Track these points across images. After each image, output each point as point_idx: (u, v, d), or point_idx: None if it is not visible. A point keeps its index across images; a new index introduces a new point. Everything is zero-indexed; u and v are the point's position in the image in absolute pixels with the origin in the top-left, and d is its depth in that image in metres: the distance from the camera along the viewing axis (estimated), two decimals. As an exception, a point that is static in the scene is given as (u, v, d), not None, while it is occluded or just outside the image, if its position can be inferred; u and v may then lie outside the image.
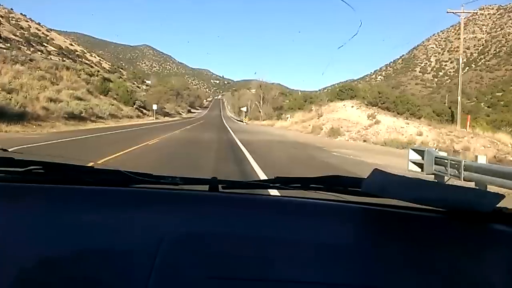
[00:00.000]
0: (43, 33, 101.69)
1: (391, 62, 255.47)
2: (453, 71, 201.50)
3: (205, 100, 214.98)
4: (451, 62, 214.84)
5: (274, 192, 1.78)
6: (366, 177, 1.02)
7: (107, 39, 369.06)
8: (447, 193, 0.97)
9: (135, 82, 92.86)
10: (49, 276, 0.69)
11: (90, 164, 1.41)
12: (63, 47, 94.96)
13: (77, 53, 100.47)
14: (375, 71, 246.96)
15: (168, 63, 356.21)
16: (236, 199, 1.15)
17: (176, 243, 0.81)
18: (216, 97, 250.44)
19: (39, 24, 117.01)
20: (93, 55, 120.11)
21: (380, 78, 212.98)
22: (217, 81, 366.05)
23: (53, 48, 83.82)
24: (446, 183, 1.16)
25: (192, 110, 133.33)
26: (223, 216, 1.00)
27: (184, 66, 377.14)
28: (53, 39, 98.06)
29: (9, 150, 1.44)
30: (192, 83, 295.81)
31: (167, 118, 70.34)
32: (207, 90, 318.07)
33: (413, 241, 0.90)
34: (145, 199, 1.09)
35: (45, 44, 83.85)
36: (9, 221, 0.90)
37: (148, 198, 1.09)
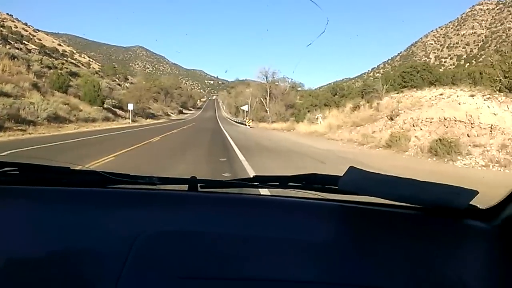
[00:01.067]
0: (30, 33, 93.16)
1: (388, 59, 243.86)
2: (453, 67, 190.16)
3: (198, 101, 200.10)
4: (450, 59, 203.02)
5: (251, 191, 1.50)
6: (342, 175, 1.00)
7: (100, 41, 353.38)
8: (423, 190, 0.95)
9: (117, 79, 76.91)
10: (24, 276, 0.68)
11: (78, 168, 1.30)
12: (50, 47, 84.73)
13: (65, 53, 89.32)
14: (372, 68, 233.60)
15: (162, 64, 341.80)
16: (214, 198, 1.12)
17: (149, 243, 0.78)
18: (210, 98, 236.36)
19: (25, 24, 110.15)
20: (82, 56, 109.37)
21: (378, 75, 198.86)
22: (212, 82, 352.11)
23: (34, 47, 72.01)
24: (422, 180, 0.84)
25: (184, 111, 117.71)
26: (200, 215, 0.97)
27: (178, 67, 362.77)
28: (40, 40, 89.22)
29: None
30: (186, 83, 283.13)
31: (149, 121, 54.77)
32: (201, 90, 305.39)
33: (389, 237, 0.89)
34: (121, 199, 1.06)
35: (26, 42, 72.49)
36: None
37: (124, 199, 1.06)
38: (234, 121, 63.22)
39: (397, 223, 0.98)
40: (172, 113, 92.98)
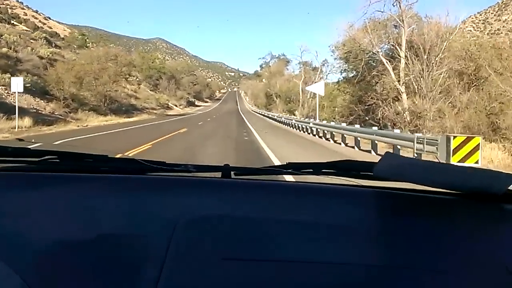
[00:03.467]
0: (40, 20, 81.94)
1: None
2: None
3: (217, 92, 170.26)
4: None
5: (285, 178, 1.54)
6: (377, 161, 0.96)
7: (120, 33, 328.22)
8: (460, 175, 0.90)
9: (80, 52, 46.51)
10: (67, 261, 0.67)
11: (118, 156, 1.27)
12: (50, 31, 66.37)
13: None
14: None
15: (182, 56, 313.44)
16: (248, 185, 1.09)
17: (191, 226, 0.78)
18: (231, 89, 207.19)
19: (36, 12, 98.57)
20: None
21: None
22: (232, 74, 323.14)
23: (25, 28, 51.37)
24: (459, 165, 1.05)
25: (197, 103, 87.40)
26: (236, 201, 0.96)
27: (198, 59, 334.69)
28: (51, 27, 76.49)
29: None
30: (206, 75, 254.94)
31: (103, 120, 24.70)
32: (221, 82, 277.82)
33: (426, 222, 0.86)
34: (160, 185, 1.05)
35: (17, 24, 53.97)
36: (26, 208, 0.86)
37: (163, 185, 1.05)
38: (275, 119, 31.70)
39: (435, 208, 0.93)
40: (176, 105, 63.05)
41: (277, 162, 8.51)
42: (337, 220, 0.84)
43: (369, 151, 11.29)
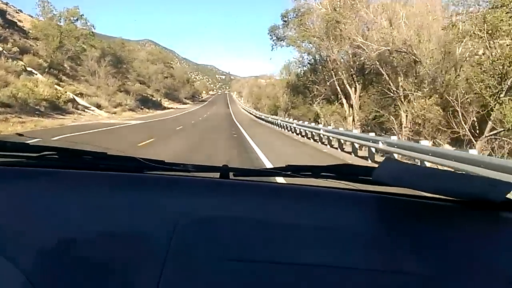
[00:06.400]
0: (9, 13, 60.19)
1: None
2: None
3: (204, 92, 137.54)
4: None
5: (283, 180, 1.44)
6: (377, 166, 0.92)
7: (107, 34, 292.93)
8: (459, 182, 0.87)
9: None
10: (67, 259, 0.64)
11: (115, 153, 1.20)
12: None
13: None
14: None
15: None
16: (247, 186, 1.04)
17: (191, 226, 0.74)
18: (221, 92, 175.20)
19: (6, 4, 70.83)
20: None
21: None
22: (223, 77, 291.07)
23: None
24: (459, 172, 0.93)
25: (168, 104, 54.21)
26: (236, 202, 0.91)
27: (188, 61, 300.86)
28: (21, 21, 56.56)
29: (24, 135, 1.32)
30: (196, 78, 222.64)
31: None
32: (212, 85, 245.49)
33: (424, 228, 0.83)
34: (159, 184, 0.99)
35: None
36: (24, 204, 0.82)
37: (162, 184, 1.00)
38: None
39: (433, 215, 0.89)
40: (100, 107, 30.49)
41: None
42: (335, 223, 0.81)
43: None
